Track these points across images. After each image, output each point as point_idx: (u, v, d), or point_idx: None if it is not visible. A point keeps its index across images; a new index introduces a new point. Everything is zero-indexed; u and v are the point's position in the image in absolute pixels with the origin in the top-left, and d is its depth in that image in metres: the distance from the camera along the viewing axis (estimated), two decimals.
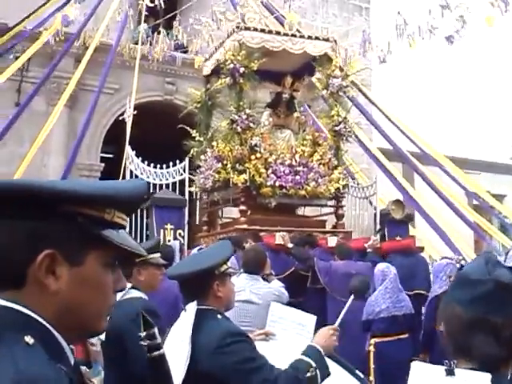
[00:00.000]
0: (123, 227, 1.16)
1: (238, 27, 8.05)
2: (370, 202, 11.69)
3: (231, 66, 7.79)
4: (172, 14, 13.23)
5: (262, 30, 8.22)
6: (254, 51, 8.00)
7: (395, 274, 5.70)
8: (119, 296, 3.00)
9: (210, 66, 9.08)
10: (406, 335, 5.74)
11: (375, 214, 11.26)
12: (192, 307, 2.55)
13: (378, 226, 10.15)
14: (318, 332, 2.71)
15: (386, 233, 9.42)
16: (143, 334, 1.77)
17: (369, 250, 7.36)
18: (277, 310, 3.76)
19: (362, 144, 14.07)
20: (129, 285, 3.09)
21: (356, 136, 13.77)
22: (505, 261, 4.96)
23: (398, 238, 7.88)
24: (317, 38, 8.44)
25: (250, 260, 5.02)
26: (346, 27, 14.88)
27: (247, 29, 8.05)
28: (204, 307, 2.55)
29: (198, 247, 6.94)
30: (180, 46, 13.59)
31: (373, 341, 5.73)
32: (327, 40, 8.53)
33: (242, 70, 7.82)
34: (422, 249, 7.91)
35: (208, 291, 2.58)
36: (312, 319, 3.55)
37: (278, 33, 8.27)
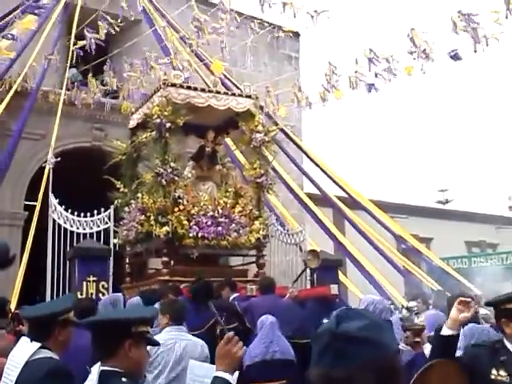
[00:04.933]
0: None
1: (164, 83, 8.26)
2: (300, 249, 11.86)
3: (158, 120, 7.93)
4: (102, 59, 13.27)
5: (188, 87, 8.46)
6: (180, 107, 8.19)
7: (272, 322, 5.88)
8: (27, 356, 2.91)
9: (136, 119, 9.19)
10: (283, 381, 5.80)
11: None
12: (96, 369, 2.37)
13: (309, 272, 10.31)
14: (216, 355, 2.42)
15: (315, 279, 9.61)
16: None
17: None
18: (196, 369, 3.72)
19: (292, 190, 14.35)
20: (37, 344, 2.98)
21: (286, 182, 14.14)
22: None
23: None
24: (240, 95, 8.76)
25: (177, 311, 5.01)
26: (277, 76, 15.29)
27: (173, 85, 8.25)
28: (108, 368, 2.34)
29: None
30: (111, 91, 13.64)
31: None
32: (249, 97, 8.85)
33: (168, 125, 7.98)
34: (336, 296, 8.16)
35: (117, 349, 2.35)
36: (233, 376, 3.55)
37: (202, 89, 8.53)
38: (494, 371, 2.86)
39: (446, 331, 2.94)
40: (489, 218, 22.63)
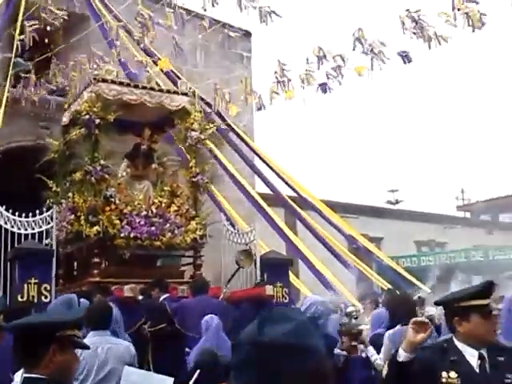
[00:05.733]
0: None
1: (95, 79, 8.10)
2: (250, 248, 11.80)
3: (87, 117, 7.77)
4: (46, 55, 12.99)
5: (121, 83, 8.31)
6: (111, 103, 8.03)
7: (216, 324, 5.84)
8: None
9: (68, 116, 9.00)
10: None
11: (255, 260, 11.42)
12: (19, 376, 2.29)
13: (259, 272, 10.29)
14: None
15: (266, 279, 9.57)
16: None
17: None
18: (130, 375, 3.63)
19: (243, 189, 14.30)
20: None
21: (237, 181, 14.09)
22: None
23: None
24: (175, 93, 8.64)
25: (94, 316, 4.90)
26: (228, 75, 15.22)
27: (104, 81, 8.10)
28: (32, 375, 2.21)
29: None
30: (58, 89, 13.37)
31: None
32: (185, 94, 8.74)
33: (97, 121, 7.83)
34: (271, 297, 8.14)
35: (41, 355, 2.21)
36: (168, 382, 3.48)
37: (135, 86, 8.38)
38: (444, 374, 2.80)
39: (402, 356, 2.80)
40: (437, 217, 22.89)
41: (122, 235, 7.88)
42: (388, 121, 61.37)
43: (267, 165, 14.44)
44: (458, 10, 8.90)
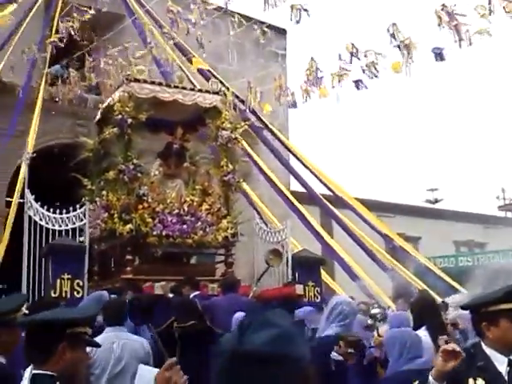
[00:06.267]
0: None
1: (127, 79, 8.18)
2: (282, 246, 11.77)
3: (119, 116, 7.85)
4: (79, 53, 13.16)
5: (152, 82, 8.37)
6: (144, 101, 8.09)
7: None
8: None
9: (99, 114, 9.11)
10: None
11: (287, 259, 11.39)
12: (28, 373, 2.26)
13: (291, 270, 10.25)
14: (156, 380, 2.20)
15: (297, 278, 9.52)
16: None
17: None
18: (145, 373, 3.64)
19: (276, 188, 14.26)
20: None
21: (270, 180, 14.06)
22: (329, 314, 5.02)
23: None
24: (207, 92, 8.67)
25: (112, 312, 4.97)
26: (263, 73, 15.18)
27: (137, 80, 8.16)
28: (40, 372, 2.20)
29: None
30: (94, 86, 13.55)
31: None
32: (217, 93, 8.75)
33: (129, 121, 7.91)
34: (301, 296, 8.08)
35: (51, 352, 2.20)
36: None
37: (167, 85, 8.44)
38: (471, 381, 2.70)
39: None
40: (477, 217, 22.48)
41: (155, 233, 7.97)
42: (427, 118, 60.39)
43: (302, 163, 14.37)
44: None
